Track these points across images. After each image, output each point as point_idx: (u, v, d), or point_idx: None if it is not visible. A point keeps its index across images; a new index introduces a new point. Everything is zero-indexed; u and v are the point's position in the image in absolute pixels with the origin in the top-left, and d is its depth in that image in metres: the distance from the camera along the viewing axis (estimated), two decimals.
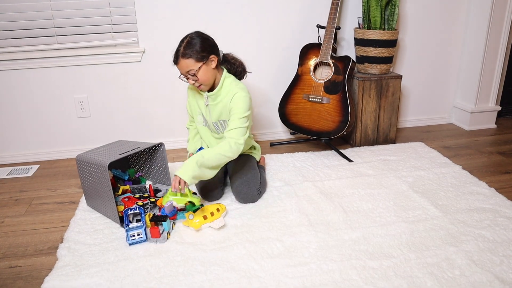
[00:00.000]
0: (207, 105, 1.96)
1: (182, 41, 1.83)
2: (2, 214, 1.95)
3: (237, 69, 1.98)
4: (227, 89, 1.91)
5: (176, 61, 1.83)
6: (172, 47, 2.45)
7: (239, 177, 1.96)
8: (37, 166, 2.48)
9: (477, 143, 2.64)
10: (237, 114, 1.85)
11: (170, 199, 1.71)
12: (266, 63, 2.63)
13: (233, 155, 1.81)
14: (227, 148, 1.79)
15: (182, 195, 1.71)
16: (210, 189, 1.94)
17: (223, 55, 1.95)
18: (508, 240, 1.61)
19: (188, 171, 1.68)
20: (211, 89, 1.94)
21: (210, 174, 1.77)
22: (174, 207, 1.72)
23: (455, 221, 1.75)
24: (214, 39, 1.89)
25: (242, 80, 2.01)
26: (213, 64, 1.85)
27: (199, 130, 2.10)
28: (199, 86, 1.88)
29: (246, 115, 1.86)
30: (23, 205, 2.02)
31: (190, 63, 1.79)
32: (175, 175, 1.69)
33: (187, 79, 1.85)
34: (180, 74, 1.87)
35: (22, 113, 2.47)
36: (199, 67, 1.80)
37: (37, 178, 2.33)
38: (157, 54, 2.48)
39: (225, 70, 1.94)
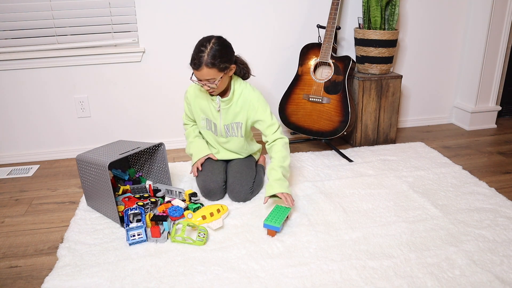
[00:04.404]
0: (219, 110, 1.95)
1: (203, 46, 1.74)
2: (2, 214, 1.95)
3: (244, 73, 1.98)
4: (238, 92, 1.93)
5: (197, 68, 1.74)
6: (172, 47, 2.48)
7: (234, 175, 1.98)
8: (37, 166, 2.48)
9: (477, 143, 2.64)
10: (265, 114, 1.92)
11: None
12: (266, 63, 2.63)
13: (288, 152, 1.92)
14: (283, 149, 1.89)
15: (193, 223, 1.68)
16: (211, 189, 1.95)
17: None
18: (509, 240, 1.61)
19: (283, 184, 1.79)
20: (221, 93, 1.93)
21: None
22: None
23: (455, 221, 1.75)
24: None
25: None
26: (231, 73, 1.87)
27: (203, 134, 2.10)
28: (212, 91, 1.86)
29: (269, 110, 1.94)
30: (23, 205, 2.02)
31: (213, 73, 1.75)
32: (282, 193, 1.76)
33: (203, 85, 1.81)
34: (192, 76, 1.81)
35: (22, 113, 2.47)
36: (221, 77, 1.79)
37: (37, 178, 2.33)
38: (157, 54, 2.48)
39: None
